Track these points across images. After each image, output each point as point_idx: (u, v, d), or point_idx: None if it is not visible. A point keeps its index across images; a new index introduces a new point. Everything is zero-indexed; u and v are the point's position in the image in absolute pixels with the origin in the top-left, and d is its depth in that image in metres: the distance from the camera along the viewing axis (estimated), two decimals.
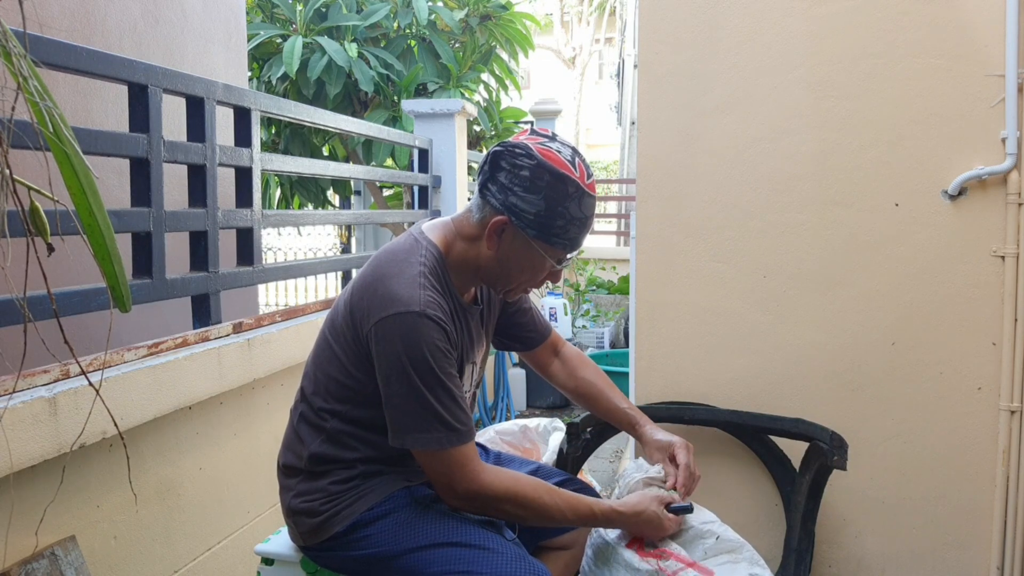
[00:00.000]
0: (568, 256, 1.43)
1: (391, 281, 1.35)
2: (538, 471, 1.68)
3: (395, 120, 5.80)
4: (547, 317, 5.31)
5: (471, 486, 1.34)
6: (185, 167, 2.18)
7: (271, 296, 9.29)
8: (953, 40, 1.97)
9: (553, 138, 1.39)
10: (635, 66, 8.92)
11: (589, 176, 1.38)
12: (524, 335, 1.75)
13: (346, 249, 8.54)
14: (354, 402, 1.43)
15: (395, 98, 5.91)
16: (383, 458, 1.45)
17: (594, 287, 7.35)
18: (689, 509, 1.52)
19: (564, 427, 2.25)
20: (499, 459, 1.74)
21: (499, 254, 1.40)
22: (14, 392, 1.45)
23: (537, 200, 1.33)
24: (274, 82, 5.79)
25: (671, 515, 1.49)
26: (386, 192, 6.70)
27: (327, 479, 1.45)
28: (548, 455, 2.30)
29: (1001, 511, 2.01)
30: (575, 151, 1.38)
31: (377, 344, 1.33)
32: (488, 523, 1.42)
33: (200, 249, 2.21)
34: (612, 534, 1.53)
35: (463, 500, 1.36)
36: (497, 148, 1.38)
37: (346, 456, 1.45)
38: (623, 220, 10.24)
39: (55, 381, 1.58)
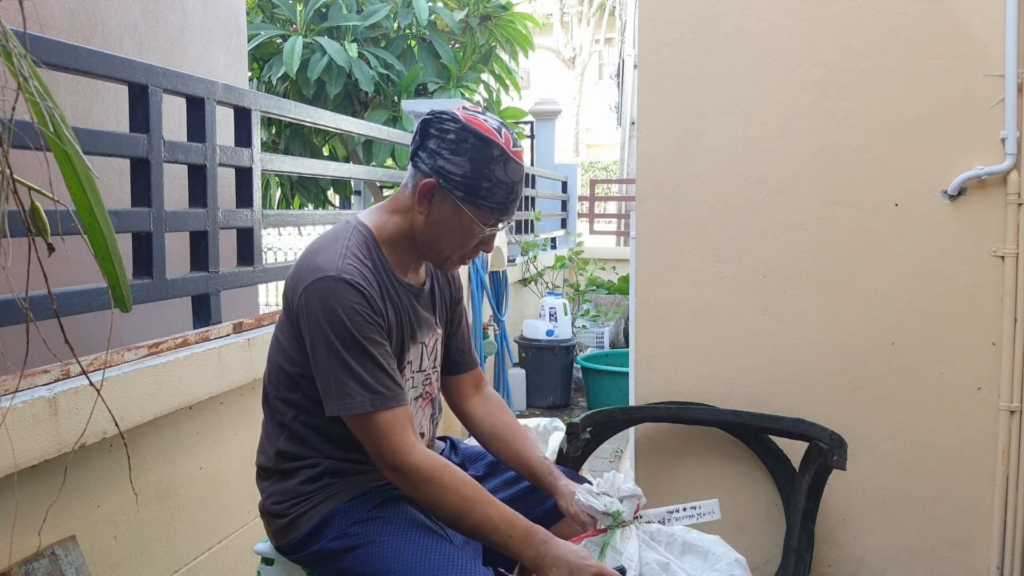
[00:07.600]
0: (499, 224, 1.45)
1: (315, 256, 1.41)
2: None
3: (395, 120, 5.80)
4: (547, 317, 5.33)
5: (395, 458, 1.33)
6: (185, 167, 2.18)
7: (271, 296, 9.28)
8: (953, 40, 1.97)
9: (483, 112, 1.44)
10: (635, 66, 8.92)
11: (515, 145, 1.42)
12: (455, 356, 1.69)
13: None
14: (303, 390, 1.44)
15: (395, 98, 5.92)
16: (347, 457, 1.45)
17: (594, 287, 7.34)
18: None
19: (564, 427, 2.25)
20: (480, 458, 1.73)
21: (430, 219, 1.44)
22: (16, 392, 1.45)
23: (463, 162, 1.38)
24: (274, 82, 5.80)
25: None
26: (386, 192, 6.70)
27: (296, 479, 1.46)
28: (548, 455, 2.30)
29: (1001, 510, 2.02)
30: (503, 124, 1.44)
31: (302, 313, 1.38)
32: (442, 533, 1.40)
33: (200, 249, 2.21)
34: None
35: (390, 472, 1.35)
36: (426, 116, 1.42)
37: (310, 454, 1.46)
38: (623, 220, 10.24)
39: (56, 381, 1.58)
